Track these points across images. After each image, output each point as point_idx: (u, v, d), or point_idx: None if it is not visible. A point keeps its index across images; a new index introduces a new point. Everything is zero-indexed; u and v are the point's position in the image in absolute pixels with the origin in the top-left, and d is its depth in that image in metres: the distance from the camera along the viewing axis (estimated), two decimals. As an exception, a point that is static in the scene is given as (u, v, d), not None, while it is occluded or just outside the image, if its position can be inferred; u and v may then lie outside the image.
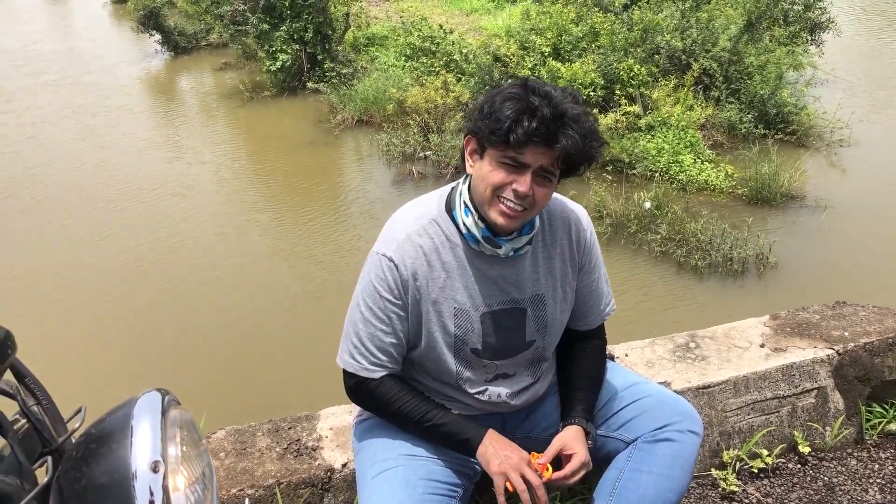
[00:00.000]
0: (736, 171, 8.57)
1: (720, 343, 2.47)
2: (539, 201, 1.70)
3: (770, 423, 2.36)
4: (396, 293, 1.83)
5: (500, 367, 1.94)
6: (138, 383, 5.32)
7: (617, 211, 7.71)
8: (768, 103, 9.59)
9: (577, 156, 1.66)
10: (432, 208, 1.88)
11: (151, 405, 1.12)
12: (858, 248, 7.27)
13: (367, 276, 1.88)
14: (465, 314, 1.85)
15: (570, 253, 1.92)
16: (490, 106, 1.68)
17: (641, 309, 6.45)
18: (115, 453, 1.05)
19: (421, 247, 1.83)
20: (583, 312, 2.01)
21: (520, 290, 1.87)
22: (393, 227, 1.89)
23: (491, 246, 1.79)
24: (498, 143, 1.66)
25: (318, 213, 8.51)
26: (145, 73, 15.05)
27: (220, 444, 2.24)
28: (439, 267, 1.83)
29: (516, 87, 1.69)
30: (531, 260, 1.88)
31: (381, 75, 11.39)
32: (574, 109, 1.65)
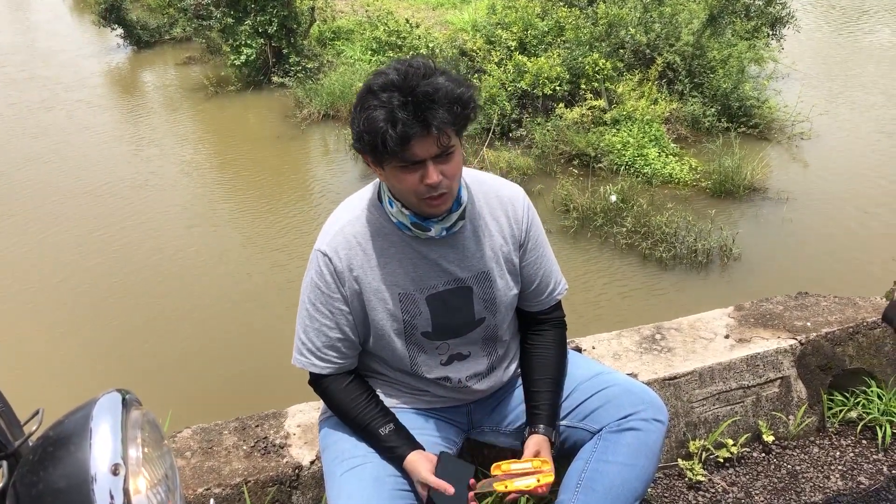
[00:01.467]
0: (700, 164, 8.66)
1: (686, 334, 2.49)
2: (453, 174, 1.70)
3: (735, 413, 2.39)
4: (334, 286, 1.84)
5: (453, 346, 1.93)
6: (99, 383, 5.24)
7: (583, 204, 7.75)
8: (731, 97, 9.70)
9: (457, 119, 1.64)
10: (365, 199, 1.88)
11: (111, 406, 1.10)
12: (819, 238, 7.39)
13: (308, 273, 1.90)
14: (410, 298, 1.85)
15: (508, 230, 1.92)
16: (358, 125, 1.66)
17: (607, 301, 6.50)
18: (74, 456, 1.03)
19: (354, 236, 1.83)
20: (533, 292, 2.01)
21: (463, 268, 1.87)
22: (329, 222, 1.90)
23: (421, 231, 1.79)
24: (385, 155, 1.64)
25: (284, 209, 8.46)
26: (107, 67, 14.81)
27: (185, 442, 2.21)
28: (376, 255, 1.83)
29: (364, 94, 1.66)
30: (472, 238, 1.88)
31: (347, 69, 11.33)
32: (424, 83, 1.61)
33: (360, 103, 1.67)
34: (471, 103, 1.67)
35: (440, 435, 1.99)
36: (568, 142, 8.96)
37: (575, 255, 7.15)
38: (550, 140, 9.01)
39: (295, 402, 2.41)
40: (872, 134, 9.79)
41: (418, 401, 2.00)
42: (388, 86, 1.62)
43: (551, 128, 9.14)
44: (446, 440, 2.00)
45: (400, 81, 1.62)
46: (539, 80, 9.52)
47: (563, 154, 8.98)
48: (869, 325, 2.48)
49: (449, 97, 1.62)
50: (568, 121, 9.11)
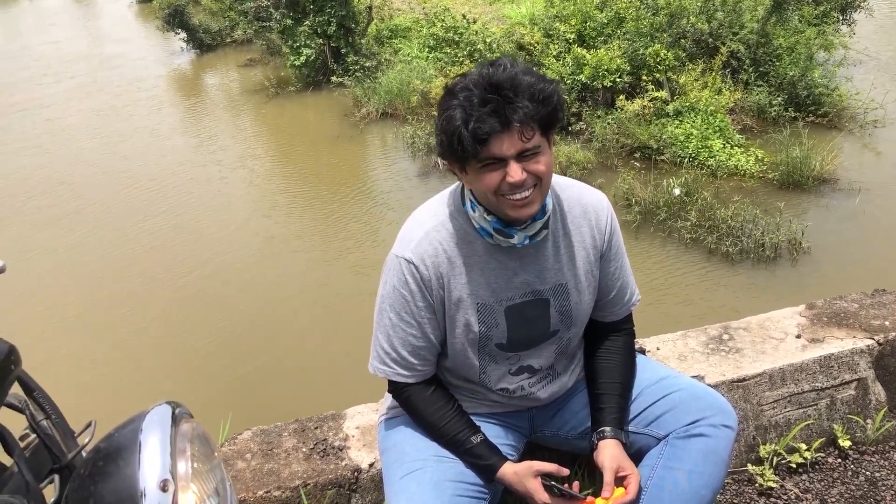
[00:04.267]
0: (766, 155, 8.43)
1: (754, 334, 2.40)
2: (542, 174, 1.64)
3: (808, 417, 2.29)
4: (421, 295, 1.79)
5: (524, 357, 1.88)
6: (158, 387, 5.36)
7: (646, 198, 7.62)
8: (798, 85, 9.42)
9: (539, 115, 1.59)
10: (447, 205, 1.82)
11: (161, 419, 1.09)
12: (893, 229, 7.12)
13: (388, 280, 1.82)
14: (488, 309, 1.80)
15: (591, 240, 1.85)
16: (439, 129, 1.64)
17: (671, 298, 6.37)
18: (123, 471, 1.02)
19: (440, 243, 1.78)
20: (608, 303, 1.95)
21: (542, 280, 1.81)
22: (410, 227, 1.84)
23: (504, 237, 1.73)
24: (465, 156, 1.61)
25: (342, 208, 8.51)
26: (171, 71, 15.15)
27: (245, 445, 2.21)
28: (460, 263, 1.78)
29: (444, 97, 1.64)
30: (552, 249, 1.82)
31: (404, 67, 11.35)
32: (504, 79, 1.57)
33: (441, 106, 1.65)
34: (553, 99, 1.60)
35: (503, 440, 1.94)
36: (629, 134, 8.82)
37: (637, 249, 7.02)
38: (611, 133, 8.88)
39: (354, 404, 2.39)
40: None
41: (480, 405, 1.96)
42: (468, 85, 1.59)
43: (612, 120, 9.01)
44: (508, 445, 1.95)
45: (479, 80, 1.59)
46: (599, 72, 9.38)
47: (623, 147, 8.85)
48: (953, 324, 2.35)
49: (529, 92, 1.57)
50: (629, 113, 8.96)
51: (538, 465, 1.78)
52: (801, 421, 2.27)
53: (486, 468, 1.81)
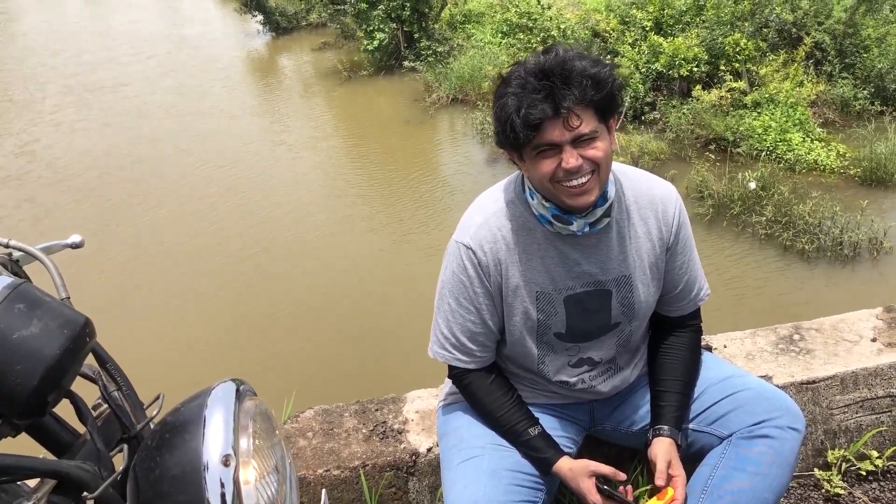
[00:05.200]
0: (849, 150, 8.14)
1: (827, 336, 2.32)
2: (599, 160, 1.61)
3: (881, 423, 2.20)
4: (479, 281, 1.78)
5: (584, 349, 1.86)
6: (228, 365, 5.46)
7: (719, 191, 7.45)
8: (887, 78, 9.05)
9: (593, 99, 1.57)
10: (509, 192, 1.81)
11: (225, 396, 1.12)
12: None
13: (448, 266, 1.83)
14: (547, 297, 1.79)
15: (657, 232, 1.82)
16: (494, 118, 1.65)
17: (743, 294, 6.22)
18: (188, 444, 1.06)
19: (499, 229, 1.77)
20: (674, 297, 1.91)
21: (604, 271, 1.79)
22: (470, 214, 1.84)
23: (563, 224, 1.71)
24: (519, 143, 1.60)
25: (411, 192, 8.55)
26: (247, 52, 15.42)
27: (307, 423, 2.25)
28: (519, 250, 1.77)
29: (500, 86, 1.64)
30: (616, 239, 1.78)
31: (476, 53, 11.31)
32: (558, 65, 1.56)
33: (496, 95, 1.65)
34: (609, 83, 1.59)
35: (561, 432, 1.93)
36: (704, 125, 8.62)
37: (709, 242, 6.87)
38: (686, 123, 8.70)
39: (414, 388, 2.41)
40: None
41: (540, 396, 1.95)
42: (521, 73, 1.59)
43: (687, 111, 8.81)
44: (567, 438, 1.94)
45: (533, 67, 1.58)
46: (675, 61, 9.19)
47: (698, 138, 8.66)
48: None
49: (581, 76, 1.55)
50: (705, 103, 8.76)
51: (594, 466, 1.76)
52: (874, 427, 2.19)
53: (543, 461, 1.81)
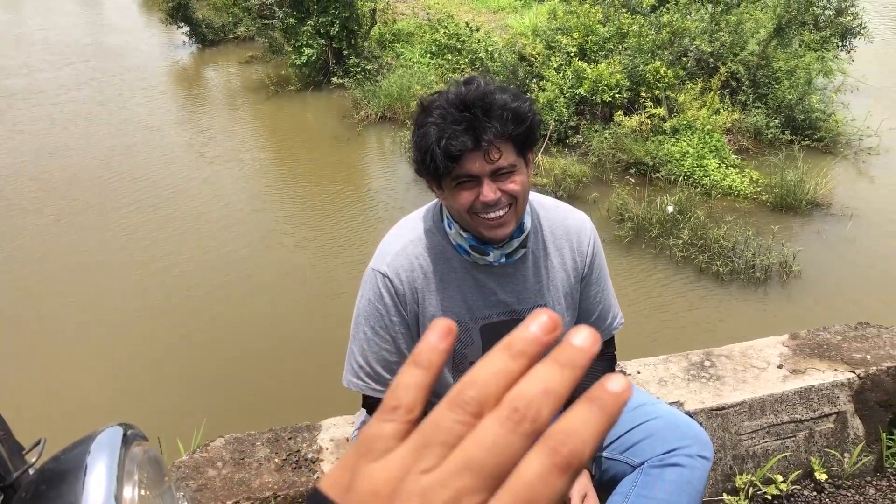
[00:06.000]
0: (761, 176, 8.44)
1: (736, 362, 2.39)
2: (517, 193, 1.63)
3: (786, 448, 2.28)
4: (395, 309, 1.78)
5: None
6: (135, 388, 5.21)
7: (639, 214, 7.61)
8: (796, 109, 9.44)
9: (513, 133, 1.58)
10: (427, 220, 1.82)
11: (111, 442, 1.06)
12: (884, 259, 7.13)
13: (364, 293, 1.82)
14: (463, 326, 1.79)
15: (571, 262, 1.84)
16: (414, 146, 1.65)
17: (659, 314, 6.36)
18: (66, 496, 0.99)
19: (416, 258, 1.77)
20: (594, 323, 1.93)
21: (520, 300, 1.80)
22: (387, 242, 1.84)
23: (479, 255, 1.73)
24: (438, 173, 1.61)
25: (338, 208, 8.48)
26: (172, 64, 15.10)
27: (217, 452, 2.19)
28: (436, 279, 1.77)
29: (419, 114, 1.64)
30: (532, 269, 1.80)
31: (405, 72, 11.34)
32: (478, 97, 1.56)
33: (416, 123, 1.65)
34: (529, 117, 1.60)
35: None
36: (625, 150, 8.82)
37: (628, 265, 7.02)
38: (608, 147, 8.89)
39: (330, 415, 2.37)
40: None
41: None
42: (443, 103, 1.59)
43: (609, 135, 9.01)
44: None
45: (454, 98, 1.58)
46: (598, 86, 9.39)
47: (619, 162, 8.85)
48: (934, 361, 2.35)
49: (502, 110, 1.56)
50: (626, 128, 8.97)
51: None
52: (779, 452, 2.26)
53: None
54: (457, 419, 0.39)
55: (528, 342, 0.42)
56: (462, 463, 0.38)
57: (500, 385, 0.40)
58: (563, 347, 0.41)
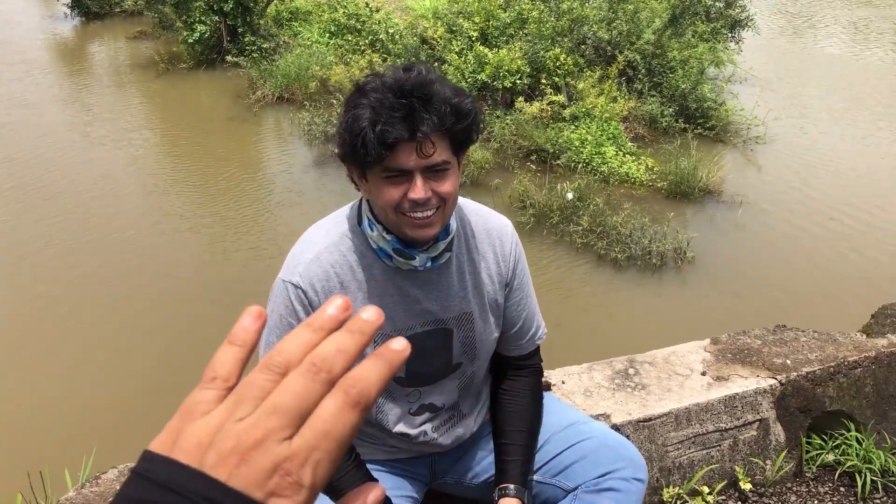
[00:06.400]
0: (656, 164, 8.63)
1: (660, 369, 2.38)
2: (448, 196, 1.52)
3: (711, 458, 2.28)
4: None
5: (424, 394, 1.75)
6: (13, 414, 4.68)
7: (540, 201, 7.66)
8: (689, 98, 9.69)
9: (451, 128, 1.47)
10: (342, 225, 1.67)
11: None
12: (772, 245, 7.41)
13: (275, 308, 1.64)
14: (385, 339, 1.66)
15: (496, 267, 1.74)
16: (344, 128, 1.50)
17: (562, 300, 6.43)
18: None
19: (332, 266, 1.62)
20: (513, 335, 1.83)
21: (445, 308, 1.69)
22: (299, 250, 1.67)
23: (404, 259, 1.60)
24: (367, 161, 1.46)
25: (235, 191, 8.19)
26: (53, 37, 14.24)
27: (109, 486, 1.98)
28: (355, 288, 1.63)
29: (353, 94, 1.50)
30: (457, 275, 1.69)
31: (303, 51, 11.04)
32: (419, 85, 1.44)
33: (348, 104, 1.49)
34: (470, 115, 1.49)
35: (401, 491, 1.81)
36: (526, 136, 8.86)
37: (530, 253, 7.05)
38: (509, 134, 8.90)
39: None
40: (824, 140, 9.90)
41: (378, 452, 1.82)
42: (379, 86, 1.44)
43: (510, 121, 9.02)
44: (406, 498, 1.82)
45: (393, 83, 1.44)
46: (500, 72, 9.38)
47: (521, 149, 8.88)
48: (850, 365, 2.40)
49: (444, 103, 1.44)
50: (527, 115, 9.00)
51: None
52: (704, 462, 2.26)
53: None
54: (267, 378, 0.46)
55: (326, 320, 0.49)
56: (271, 408, 0.44)
57: (302, 352, 0.47)
58: (354, 320, 0.49)
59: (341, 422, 0.44)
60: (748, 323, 5.90)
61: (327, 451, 0.44)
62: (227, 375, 0.48)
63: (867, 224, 7.72)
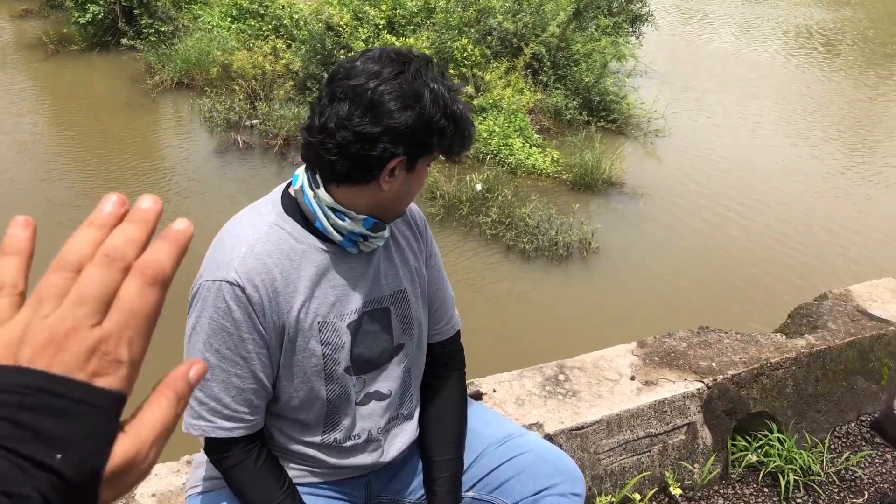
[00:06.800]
0: (562, 156, 8.75)
1: (590, 375, 2.38)
2: None
3: (642, 464, 2.30)
4: (249, 324, 1.48)
5: (369, 381, 1.66)
6: None
7: (449, 192, 7.66)
8: (592, 91, 9.85)
9: None
10: (268, 215, 1.57)
11: None
12: (673, 235, 7.64)
13: (203, 312, 1.50)
14: (330, 327, 1.57)
15: (416, 244, 1.73)
16: (439, 124, 1.48)
17: (473, 289, 6.45)
18: None
19: (269, 257, 1.51)
20: (434, 316, 1.79)
21: (380, 288, 1.64)
22: (224, 245, 1.54)
23: (379, 233, 1.57)
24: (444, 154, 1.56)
25: (133, 179, 7.85)
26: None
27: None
28: (295, 278, 1.53)
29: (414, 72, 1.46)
30: (384, 254, 1.65)
31: (204, 35, 10.65)
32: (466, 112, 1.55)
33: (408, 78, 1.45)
34: None
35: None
36: (435, 127, 8.81)
37: (441, 243, 7.02)
38: (420, 124, 8.83)
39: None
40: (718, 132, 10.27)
41: (313, 475, 1.72)
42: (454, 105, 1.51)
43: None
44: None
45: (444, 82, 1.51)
46: (407, 62, 9.29)
47: (429, 140, 8.83)
48: (772, 366, 2.47)
49: None
50: (435, 106, 8.95)
51: None
52: (635, 468, 2.28)
53: None
54: (63, 276, 0.47)
55: (106, 217, 0.50)
56: (76, 299, 0.46)
57: (91, 249, 0.48)
58: (133, 211, 0.50)
59: (145, 300, 0.47)
60: (654, 309, 6.11)
61: (137, 328, 0.46)
62: (14, 282, 0.49)
63: (760, 215, 8.04)
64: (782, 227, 7.79)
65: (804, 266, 7.05)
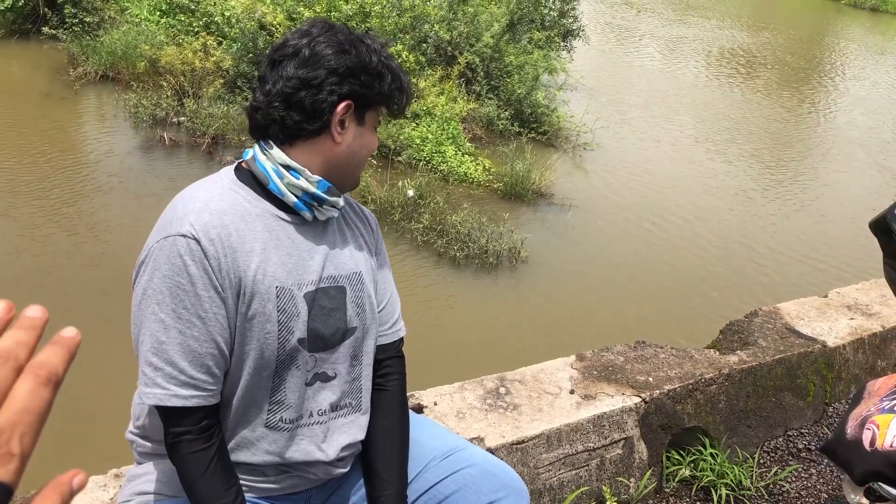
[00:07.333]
0: (493, 165, 8.82)
1: (530, 388, 2.39)
2: None
3: (580, 479, 2.32)
4: (206, 280, 1.41)
5: (320, 361, 1.59)
6: None
7: (381, 197, 7.64)
8: (524, 102, 9.97)
9: None
10: (220, 181, 1.54)
11: None
12: (597, 246, 7.78)
13: (156, 270, 1.41)
14: (287, 294, 1.50)
15: (368, 237, 1.74)
16: (378, 68, 1.56)
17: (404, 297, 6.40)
18: None
19: (224, 214, 1.46)
20: (382, 314, 1.75)
21: (337, 266, 1.60)
22: (181, 205, 1.48)
23: (334, 198, 1.56)
24: (384, 96, 1.58)
25: (53, 173, 7.56)
26: None
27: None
28: (251, 238, 1.47)
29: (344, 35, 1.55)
30: (341, 235, 1.65)
31: (131, 29, 10.34)
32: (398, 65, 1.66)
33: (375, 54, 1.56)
34: None
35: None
36: (369, 132, 8.77)
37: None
38: (351, 129, 8.78)
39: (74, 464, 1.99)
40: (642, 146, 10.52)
41: (250, 490, 1.63)
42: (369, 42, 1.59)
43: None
44: None
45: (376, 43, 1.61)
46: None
47: (363, 145, 8.79)
48: (706, 382, 2.52)
49: None
50: (369, 111, 8.92)
51: None
52: (573, 483, 2.30)
53: None
54: None
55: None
56: None
57: None
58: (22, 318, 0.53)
59: (38, 398, 0.49)
60: (582, 320, 6.21)
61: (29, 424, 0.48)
62: None
63: (681, 230, 8.26)
64: (702, 242, 8.03)
65: (725, 283, 7.27)
